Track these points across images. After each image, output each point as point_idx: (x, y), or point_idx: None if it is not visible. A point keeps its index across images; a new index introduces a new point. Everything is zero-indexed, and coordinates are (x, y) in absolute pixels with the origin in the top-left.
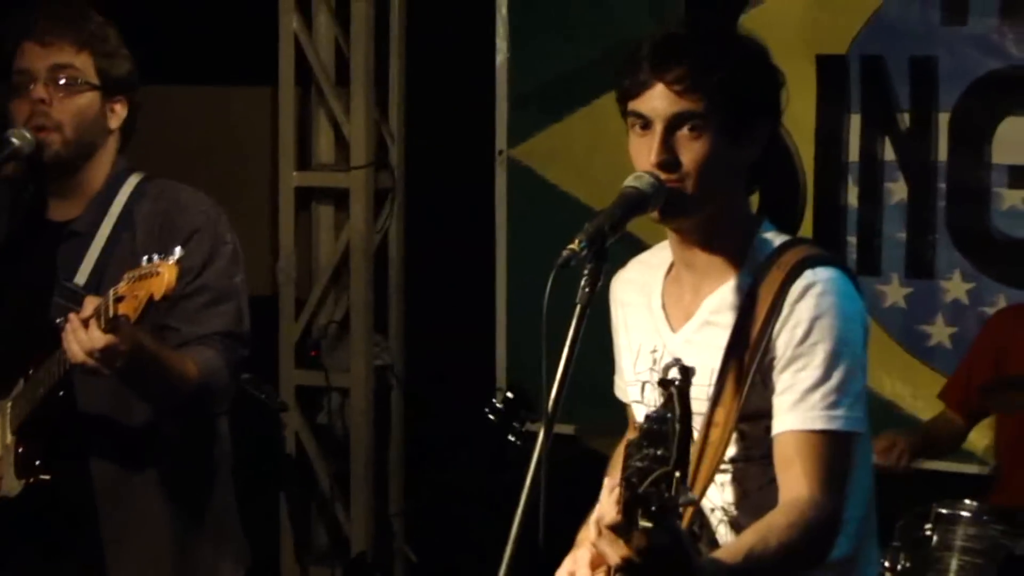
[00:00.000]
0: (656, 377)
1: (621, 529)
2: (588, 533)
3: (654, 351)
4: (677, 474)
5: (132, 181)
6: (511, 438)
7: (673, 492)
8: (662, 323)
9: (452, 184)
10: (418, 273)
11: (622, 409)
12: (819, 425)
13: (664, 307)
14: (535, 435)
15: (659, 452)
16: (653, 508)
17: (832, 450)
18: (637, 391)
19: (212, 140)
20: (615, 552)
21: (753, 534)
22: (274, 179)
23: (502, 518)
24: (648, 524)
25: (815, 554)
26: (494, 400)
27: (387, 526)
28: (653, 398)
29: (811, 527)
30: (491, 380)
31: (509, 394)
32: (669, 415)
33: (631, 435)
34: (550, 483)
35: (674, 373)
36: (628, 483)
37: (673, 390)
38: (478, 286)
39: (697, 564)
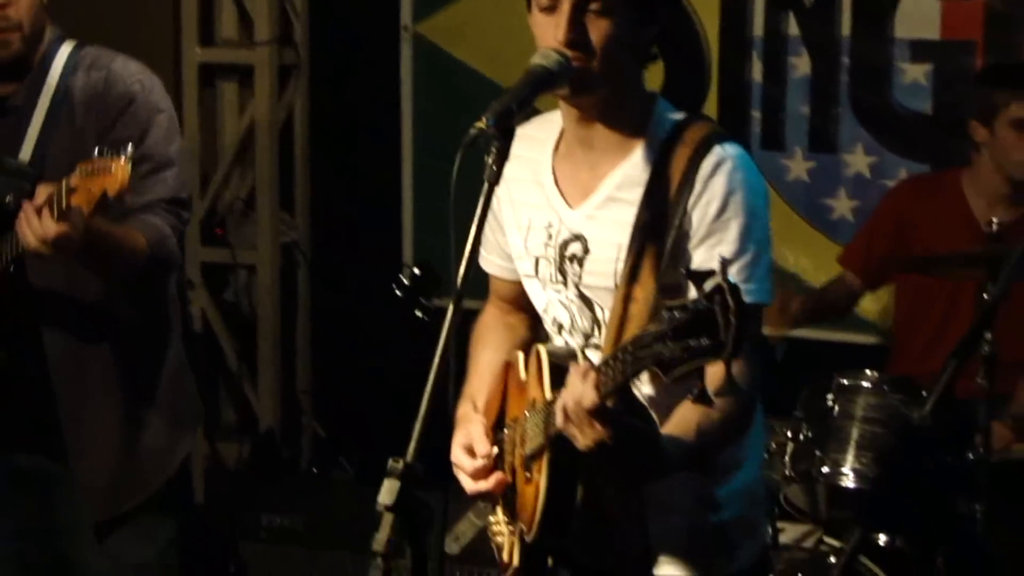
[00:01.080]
0: (552, 253)
1: (598, 412)
2: (468, 407)
3: (549, 227)
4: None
5: (64, 51)
6: (419, 314)
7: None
8: (556, 199)
9: (357, 60)
10: (324, 150)
11: None
12: None
13: (557, 183)
14: (443, 310)
15: (703, 342)
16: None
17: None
18: (530, 266)
19: (112, 16)
20: (588, 435)
21: (696, 410)
22: (177, 56)
23: (410, 393)
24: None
25: (748, 421)
26: (401, 276)
27: (295, 403)
28: (549, 273)
29: (743, 397)
30: (398, 257)
31: (416, 270)
32: (716, 308)
33: (493, 306)
34: (459, 357)
35: (619, 237)
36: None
37: (723, 283)
38: (384, 162)
39: (660, 448)
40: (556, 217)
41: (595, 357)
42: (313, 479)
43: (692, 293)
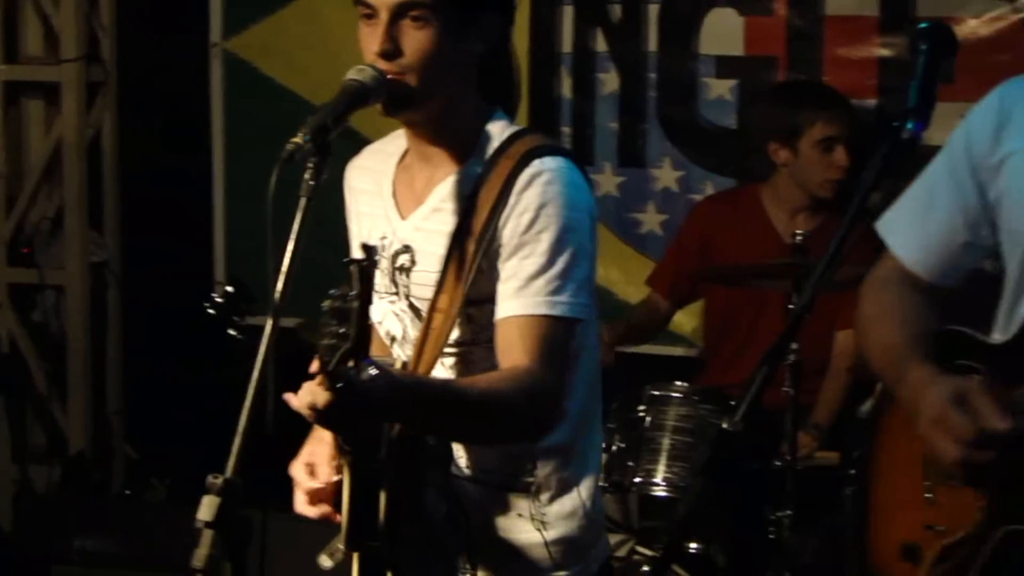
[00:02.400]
0: (386, 264)
1: (330, 401)
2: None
3: (384, 237)
4: (360, 351)
5: None
6: (232, 332)
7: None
8: (392, 210)
9: (167, 77)
10: (133, 168)
11: None
12: (541, 310)
13: (395, 194)
14: (256, 328)
15: (343, 330)
16: (339, 385)
17: (553, 333)
18: None
19: None
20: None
21: (479, 379)
22: None
23: (224, 413)
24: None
25: (530, 419)
26: (213, 294)
27: (106, 424)
28: (383, 284)
29: (528, 391)
30: (210, 275)
31: (229, 288)
32: (351, 293)
33: None
34: (275, 376)
35: (359, 253)
36: (321, 361)
37: (353, 269)
38: (195, 180)
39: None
40: (390, 228)
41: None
42: (125, 501)
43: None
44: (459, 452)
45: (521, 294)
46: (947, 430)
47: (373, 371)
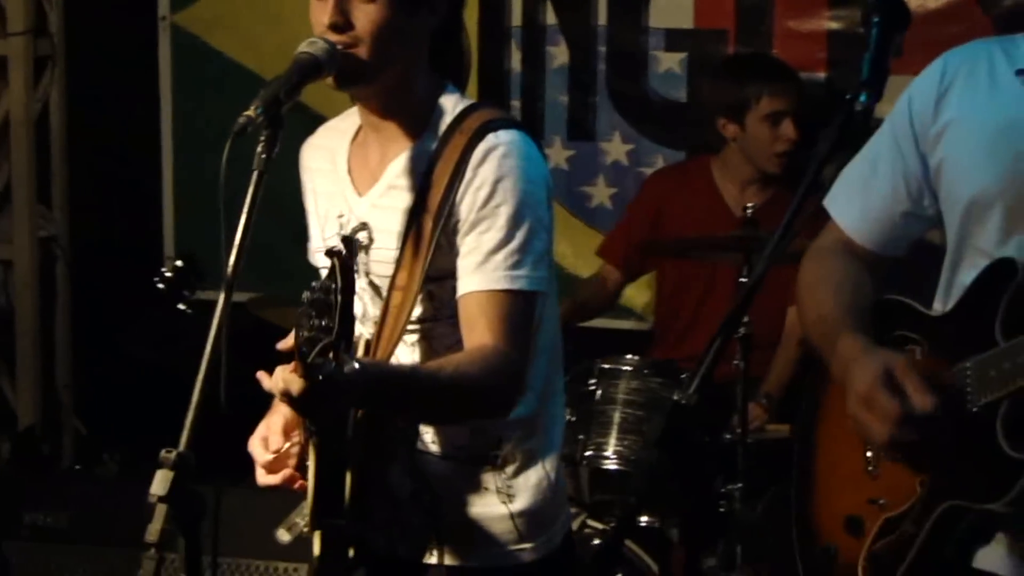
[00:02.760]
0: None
1: (306, 389)
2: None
3: (341, 216)
4: (341, 344)
5: None
6: (182, 307)
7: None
8: (348, 188)
9: (115, 51)
10: (82, 142)
11: (301, 277)
12: (502, 285)
13: (350, 172)
14: (206, 303)
15: (324, 322)
16: (320, 377)
17: (515, 308)
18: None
19: None
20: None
21: (446, 362)
22: None
23: (173, 387)
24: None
25: (499, 397)
26: (163, 269)
27: (55, 399)
28: None
29: (496, 370)
30: (159, 250)
31: (179, 262)
32: (333, 285)
33: None
34: (228, 350)
35: (337, 243)
36: (300, 352)
37: (335, 260)
38: (144, 154)
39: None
40: (347, 206)
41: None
42: (76, 476)
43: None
44: (425, 429)
45: (481, 269)
46: (873, 409)
47: (355, 365)
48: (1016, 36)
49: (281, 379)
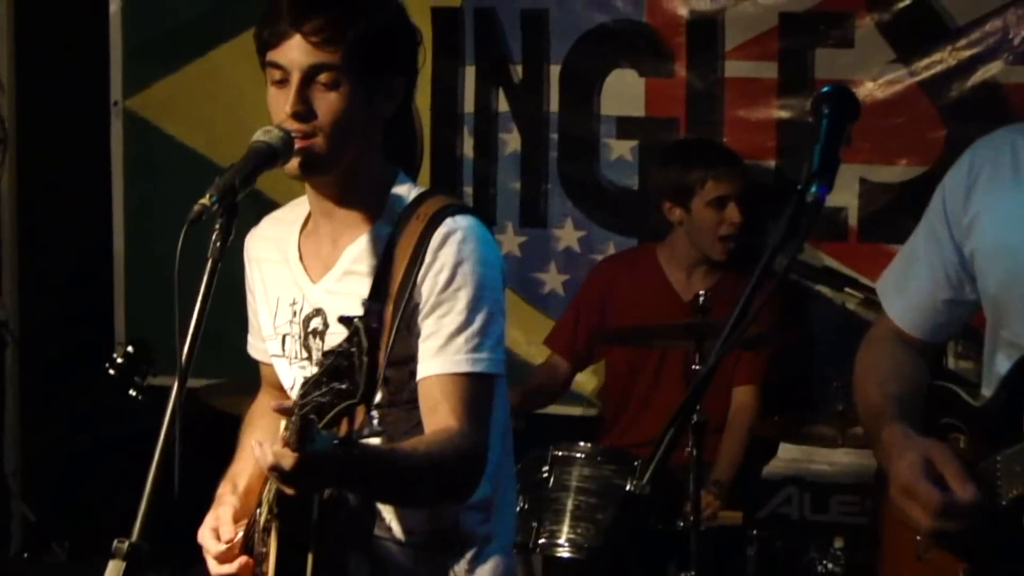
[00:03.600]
0: (297, 329)
1: (299, 464)
2: (227, 488)
3: (293, 303)
4: (361, 406)
5: None
6: (133, 392)
7: (356, 425)
8: (301, 275)
9: (67, 135)
10: (33, 227)
11: (249, 365)
12: (464, 368)
13: (302, 259)
14: (157, 389)
15: (344, 386)
16: (312, 453)
17: (477, 391)
18: (278, 345)
19: None
20: (304, 485)
21: (413, 444)
22: None
23: (122, 474)
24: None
25: (463, 480)
26: (114, 355)
27: (3, 486)
28: (295, 350)
29: (462, 452)
30: (110, 335)
31: (130, 348)
32: (354, 349)
33: (264, 393)
34: (182, 436)
35: (356, 311)
36: (305, 419)
37: (358, 323)
38: (95, 239)
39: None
40: (300, 293)
41: None
42: (24, 564)
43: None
44: (383, 514)
45: (443, 352)
46: (915, 499)
47: (377, 426)
48: None
49: (272, 453)
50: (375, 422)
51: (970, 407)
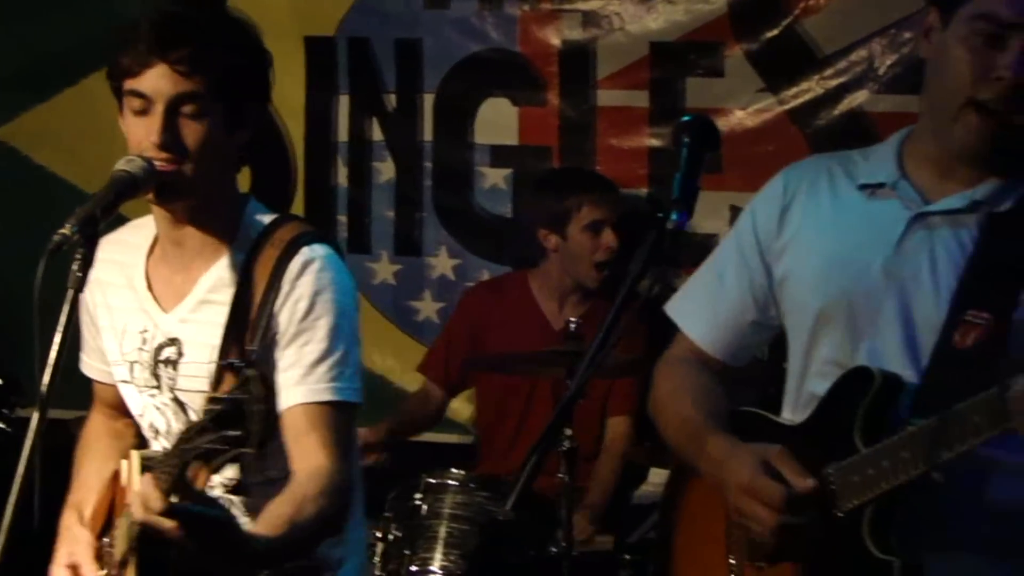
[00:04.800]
0: (147, 357)
1: (166, 511)
2: (73, 519)
3: (144, 331)
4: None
5: None
6: (0, 425)
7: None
8: (150, 304)
9: None
10: None
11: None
12: (327, 397)
13: (151, 287)
14: (25, 420)
15: (235, 433)
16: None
17: (340, 420)
18: (126, 371)
19: None
20: (167, 533)
21: (289, 504)
22: None
23: None
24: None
25: (340, 518)
26: None
27: None
28: (144, 378)
29: (336, 493)
30: None
31: None
32: (245, 396)
33: (98, 413)
34: (44, 467)
35: (213, 339)
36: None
37: (250, 373)
38: None
39: (245, 538)
40: (151, 321)
41: None
42: None
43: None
44: None
45: (305, 381)
46: (757, 497)
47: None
48: (852, 152)
49: (154, 523)
50: (268, 472)
51: (785, 427)
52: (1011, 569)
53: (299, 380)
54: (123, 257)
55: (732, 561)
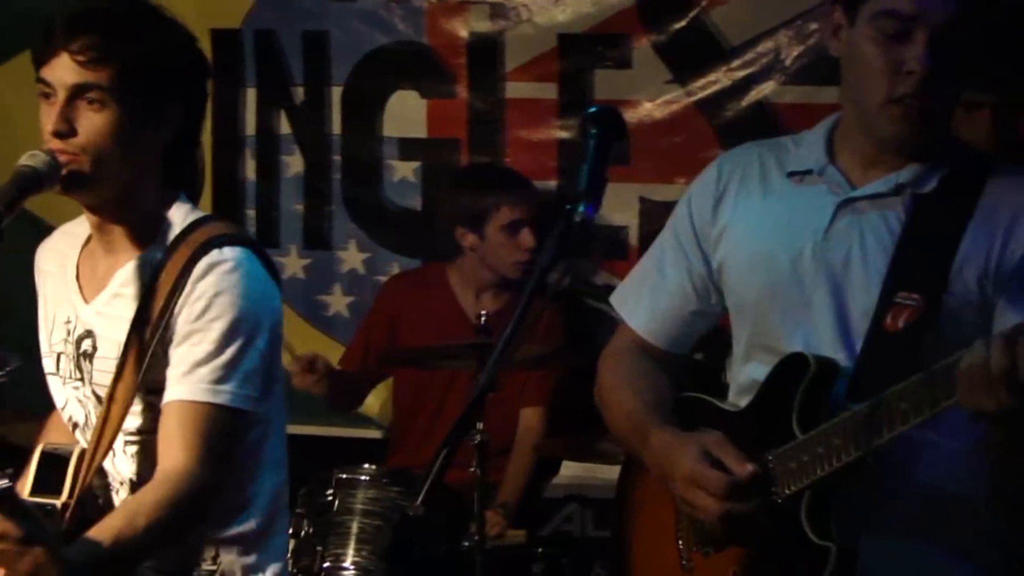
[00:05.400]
0: (71, 349)
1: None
2: None
3: (68, 322)
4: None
5: None
6: None
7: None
8: (75, 293)
9: None
10: None
11: (35, 390)
12: (204, 397)
13: (78, 277)
14: None
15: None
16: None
17: (215, 424)
18: (52, 363)
19: None
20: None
21: (122, 516)
22: None
23: None
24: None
25: (186, 526)
26: None
27: None
28: (68, 370)
29: (181, 501)
30: None
31: None
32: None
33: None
34: None
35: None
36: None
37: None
38: None
39: (64, 551)
40: (74, 311)
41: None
42: None
43: None
44: None
45: (186, 379)
46: (701, 486)
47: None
48: (784, 139)
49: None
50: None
51: (729, 413)
52: (945, 547)
53: (180, 378)
54: (64, 247)
55: (682, 548)
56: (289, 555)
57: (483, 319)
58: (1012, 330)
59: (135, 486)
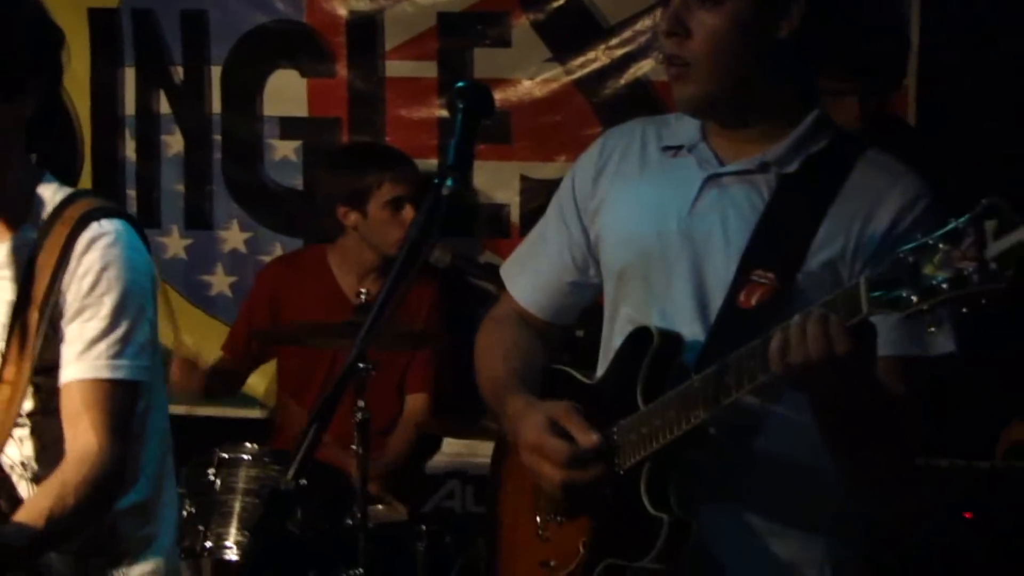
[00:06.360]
0: None
1: None
2: None
3: None
4: None
5: None
6: None
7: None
8: None
9: None
10: None
11: None
12: (105, 374)
13: None
14: None
15: None
16: None
17: (118, 399)
18: None
19: None
20: None
21: (48, 497)
22: None
23: None
24: None
25: (107, 502)
26: None
27: None
28: None
29: (102, 479)
30: None
31: None
32: None
33: None
34: None
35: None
36: None
37: None
38: None
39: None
40: None
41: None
42: None
43: None
44: None
45: (84, 357)
46: (545, 455)
47: None
48: (669, 116)
49: None
50: None
51: (585, 384)
52: (794, 521)
53: (77, 356)
54: None
55: (539, 519)
56: None
57: (363, 298)
58: (800, 315)
59: (28, 469)
